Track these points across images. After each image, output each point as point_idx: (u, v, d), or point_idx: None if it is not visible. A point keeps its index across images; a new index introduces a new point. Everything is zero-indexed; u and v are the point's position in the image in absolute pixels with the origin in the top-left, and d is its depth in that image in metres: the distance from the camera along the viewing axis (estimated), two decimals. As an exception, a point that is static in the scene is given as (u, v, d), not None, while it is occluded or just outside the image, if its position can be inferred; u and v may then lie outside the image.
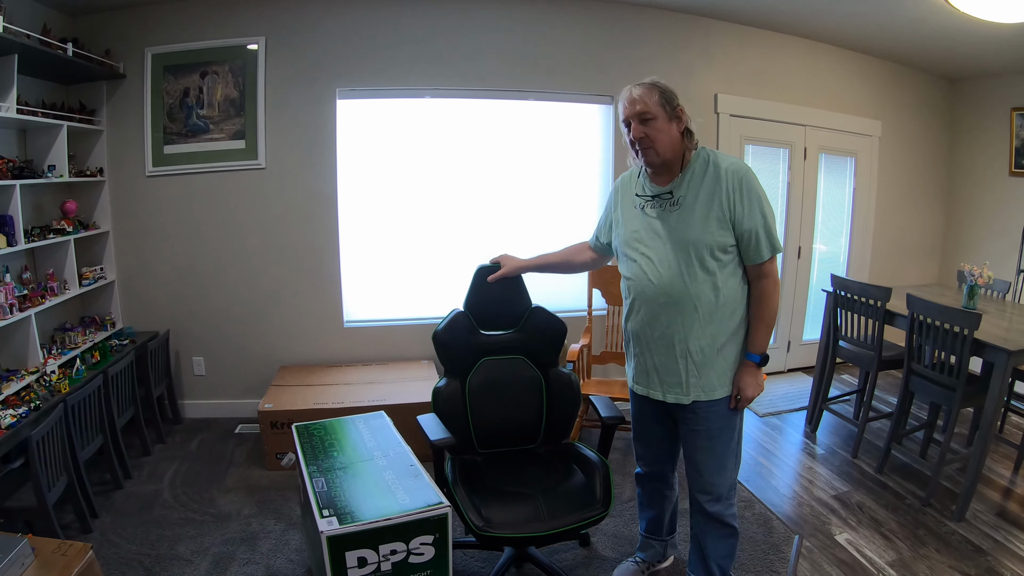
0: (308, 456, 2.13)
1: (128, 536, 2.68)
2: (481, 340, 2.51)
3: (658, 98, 1.92)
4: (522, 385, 2.51)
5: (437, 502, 1.82)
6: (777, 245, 1.94)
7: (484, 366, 2.49)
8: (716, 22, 4.43)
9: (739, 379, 2.01)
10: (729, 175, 1.91)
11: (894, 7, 3.79)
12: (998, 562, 2.69)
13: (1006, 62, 4.76)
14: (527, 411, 2.51)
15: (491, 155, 4.18)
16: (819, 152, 5.03)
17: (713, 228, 1.91)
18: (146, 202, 3.79)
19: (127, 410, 3.31)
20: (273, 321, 4.00)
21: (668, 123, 1.93)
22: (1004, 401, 3.70)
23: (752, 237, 1.91)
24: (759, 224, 1.90)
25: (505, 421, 2.49)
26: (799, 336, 5.29)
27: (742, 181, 1.90)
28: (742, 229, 1.91)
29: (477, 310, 2.52)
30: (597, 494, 2.19)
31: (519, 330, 2.54)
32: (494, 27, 3.97)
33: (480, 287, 2.50)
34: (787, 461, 3.70)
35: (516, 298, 2.54)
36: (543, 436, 2.54)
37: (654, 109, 1.92)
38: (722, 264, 1.94)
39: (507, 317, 2.55)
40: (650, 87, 1.94)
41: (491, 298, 2.50)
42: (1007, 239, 5.05)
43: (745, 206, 1.89)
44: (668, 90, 1.95)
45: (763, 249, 1.93)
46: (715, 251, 1.92)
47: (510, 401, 2.49)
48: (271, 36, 3.73)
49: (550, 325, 2.53)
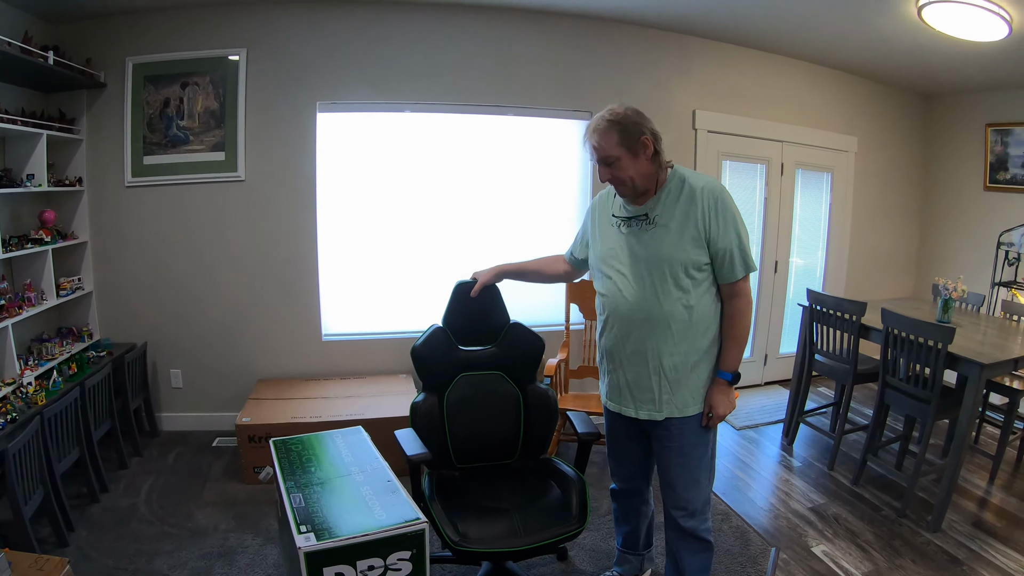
0: (286, 471, 2.12)
1: (105, 550, 2.64)
2: (459, 356, 2.51)
3: (617, 138, 1.91)
4: (500, 401, 2.51)
5: (414, 518, 1.82)
6: (751, 264, 1.96)
7: (462, 381, 2.49)
8: (694, 39, 4.49)
9: (711, 396, 2.03)
10: (704, 195, 1.93)
11: (871, 26, 3.86)
12: (974, 572, 2.72)
13: (981, 79, 4.86)
14: (505, 426, 2.51)
15: (470, 170, 4.19)
16: (796, 168, 5.09)
17: (688, 247, 1.93)
18: (125, 213, 3.76)
19: (104, 423, 3.27)
20: (251, 334, 3.97)
21: (633, 159, 1.92)
22: (978, 413, 3.76)
23: (726, 256, 1.93)
24: (733, 243, 1.92)
25: (483, 436, 2.49)
26: (775, 349, 5.33)
27: (717, 201, 1.92)
28: (716, 248, 1.93)
29: (455, 325, 2.52)
30: (573, 510, 2.19)
31: (497, 346, 2.55)
32: (474, 42, 3.99)
33: (458, 302, 2.51)
34: (764, 474, 3.72)
35: (494, 314, 2.55)
36: (520, 451, 2.54)
37: (614, 152, 1.92)
38: (696, 282, 1.96)
39: (485, 333, 2.55)
40: (607, 128, 1.92)
41: (469, 313, 2.51)
42: (981, 253, 5.13)
43: (720, 225, 1.91)
44: (628, 124, 1.91)
45: (737, 268, 1.95)
46: (689, 269, 1.94)
47: (488, 416, 2.49)
48: (252, 48, 3.73)
49: (528, 341, 2.54)
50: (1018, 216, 4.87)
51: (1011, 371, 3.32)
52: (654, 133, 1.94)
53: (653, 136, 1.93)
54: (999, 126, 5.02)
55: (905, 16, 3.54)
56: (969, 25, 3.42)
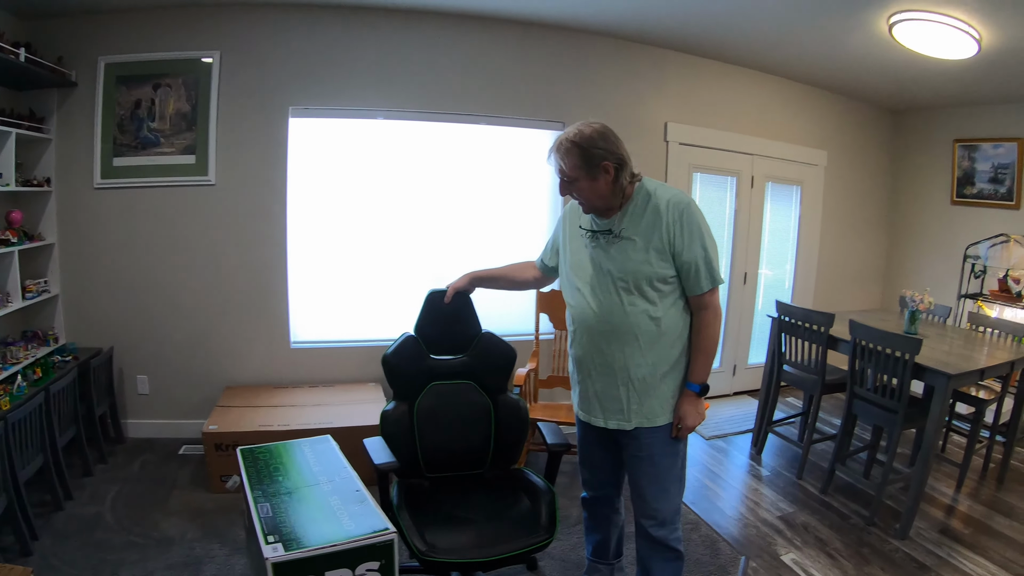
0: (253, 480, 2.09)
1: (69, 560, 2.59)
2: (430, 364, 2.50)
3: (577, 160, 1.91)
4: (470, 410, 2.50)
5: (383, 528, 1.80)
6: (717, 277, 1.97)
7: (433, 391, 2.48)
8: (668, 52, 4.54)
9: (680, 408, 2.04)
10: (670, 208, 1.93)
11: (842, 42, 3.93)
12: (941, 578, 2.76)
13: (949, 96, 4.97)
14: (475, 437, 2.50)
15: (443, 178, 4.18)
16: (766, 181, 5.16)
17: (653, 259, 1.94)
18: (93, 215, 3.70)
19: (69, 429, 3.20)
20: (219, 340, 3.92)
21: (591, 182, 1.93)
22: (945, 422, 3.83)
23: (692, 269, 1.94)
24: (699, 256, 1.93)
25: (453, 446, 2.48)
26: (744, 360, 5.39)
27: (683, 214, 1.93)
28: (682, 261, 1.94)
29: (427, 334, 2.51)
30: (542, 520, 2.19)
31: (468, 355, 2.54)
32: (448, 50, 3.99)
33: (431, 311, 2.50)
34: (733, 483, 3.75)
35: (466, 323, 2.54)
36: (491, 462, 2.53)
37: (572, 173, 1.93)
38: (662, 294, 1.97)
39: (457, 342, 2.54)
40: (569, 149, 1.92)
41: (442, 322, 2.50)
42: (948, 265, 5.25)
43: (685, 238, 1.92)
44: (591, 147, 1.90)
45: (703, 281, 1.96)
46: (654, 282, 1.95)
47: (458, 426, 2.48)
48: (226, 51, 3.69)
49: (499, 351, 2.54)
50: (984, 230, 4.99)
51: (977, 381, 3.39)
52: (618, 159, 1.92)
53: (616, 162, 1.92)
54: (966, 142, 5.14)
55: (876, 33, 3.62)
56: (939, 43, 3.50)
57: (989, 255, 4.82)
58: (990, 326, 4.07)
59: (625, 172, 1.95)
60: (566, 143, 1.92)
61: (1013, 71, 3.99)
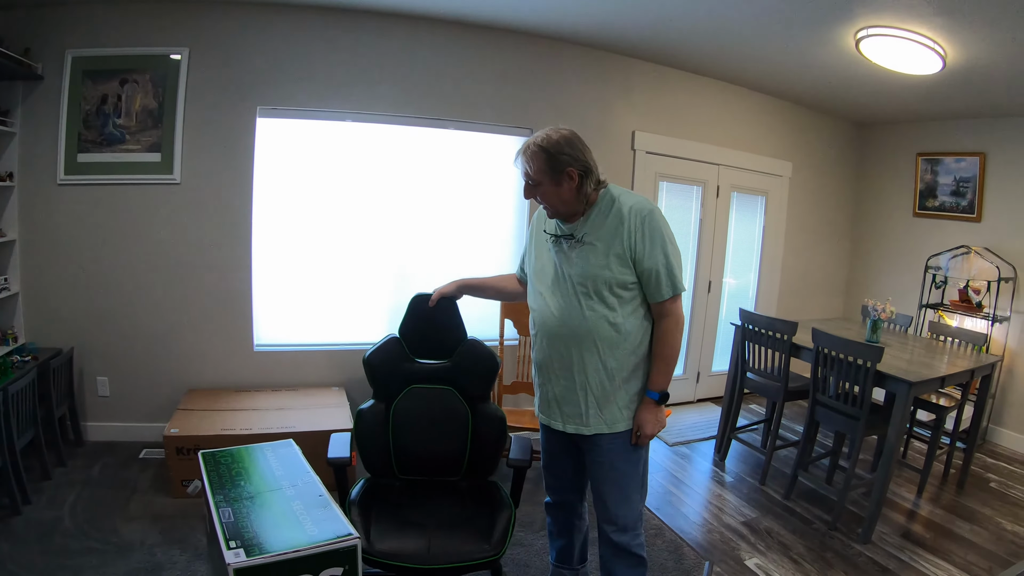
0: (215, 485, 2.06)
1: (27, 565, 2.52)
2: (411, 367, 2.49)
3: (542, 164, 1.93)
4: (448, 416, 2.48)
5: (346, 533, 1.78)
6: (678, 286, 1.97)
7: (411, 393, 2.47)
8: (637, 61, 4.58)
9: (639, 415, 2.04)
10: (632, 214, 1.95)
11: (810, 55, 4.00)
12: (904, 581, 2.82)
13: (913, 110, 5.09)
14: (450, 443, 2.48)
15: (410, 182, 4.16)
16: (731, 190, 5.23)
17: (613, 265, 1.95)
18: (56, 211, 3.62)
19: (27, 431, 3.11)
20: (181, 342, 3.85)
21: (555, 187, 1.96)
22: (906, 429, 3.91)
23: (653, 276, 1.95)
24: (660, 263, 1.94)
25: (426, 450, 2.46)
26: (708, 367, 5.44)
27: (644, 220, 1.94)
28: (642, 268, 1.95)
29: (411, 337, 2.50)
30: (494, 536, 2.16)
31: (451, 361, 2.52)
32: (418, 55, 3.98)
33: (415, 314, 2.48)
34: (697, 489, 3.78)
35: (451, 328, 2.51)
36: (466, 470, 2.50)
37: (537, 176, 1.96)
38: (623, 301, 1.98)
39: (441, 346, 2.52)
40: (535, 153, 1.94)
41: (426, 326, 2.49)
42: (910, 276, 5.37)
43: (646, 245, 1.93)
44: (557, 153, 1.92)
45: (664, 288, 1.96)
46: (614, 287, 1.96)
47: (434, 431, 2.46)
48: (195, 48, 3.64)
49: (483, 359, 2.50)
50: (945, 241, 5.12)
51: (938, 389, 3.46)
52: (583, 165, 1.94)
53: (581, 169, 1.94)
54: (929, 155, 5.27)
55: (843, 48, 3.69)
56: (904, 58, 3.57)
57: (950, 266, 4.94)
58: (951, 335, 4.17)
59: (590, 179, 1.97)
60: (533, 147, 1.95)
61: (976, 87, 4.09)
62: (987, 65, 3.60)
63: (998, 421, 4.79)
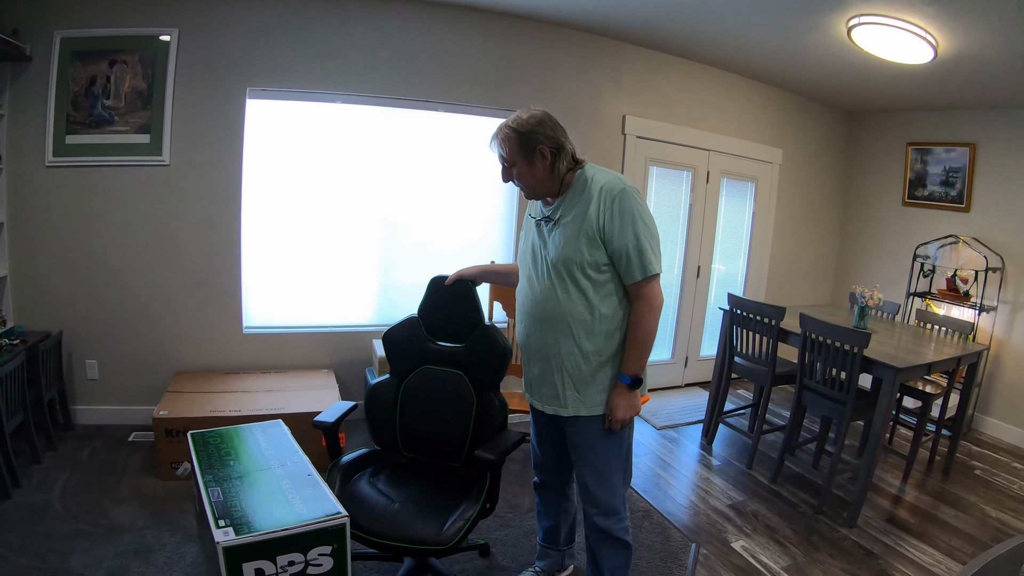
0: (204, 465, 2.06)
1: (17, 548, 2.52)
2: (428, 347, 2.48)
3: (515, 144, 1.96)
4: (453, 400, 2.44)
5: (335, 512, 1.80)
6: (649, 268, 1.92)
7: (422, 372, 2.47)
8: (627, 45, 4.57)
9: (611, 400, 2.02)
10: (603, 193, 1.93)
11: (801, 42, 4.00)
12: (889, 565, 2.86)
13: (904, 99, 5.10)
14: (455, 427, 2.43)
15: (399, 164, 4.16)
16: (721, 176, 5.25)
17: (583, 246, 1.93)
18: (44, 194, 3.59)
19: (16, 415, 3.10)
20: (170, 324, 3.84)
21: (529, 166, 1.98)
22: (892, 415, 3.95)
23: (623, 256, 1.92)
24: (630, 244, 1.90)
25: (430, 431, 2.45)
26: (696, 352, 5.48)
27: (615, 199, 1.91)
28: (612, 248, 1.92)
29: (428, 317, 2.49)
30: (447, 526, 2.08)
31: (466, 345, 2.48)
32: (409, 37, 3.97)
33: (433, 296, 2.48)
34: (684, 472, 3.82)
35: (468, 311, 2.47)
36: (466, 456, 2.44)
37: (511, 157, 1.99)
38: (596, 283, 1.96)
39: (457, 330, 2.48)
40: (508, 134, 1.97)
41: (443, 309, 2.48)
42: (898, 264, 5.40)
43: (616, 224, 1.90)
44: (527, 132, 1.95)
45: (634, 270, 1.93)
46: (586, 269, 1.94)
47: (438, 413, 2.45)
48: (184, 29, 3.60)
49: (495, 346, 2.41)
50: (934, 230, 5.15)
51: (924, 375, 3.49)
52: (555, 143, 1.96)
53: (552, 146, 1.95)
54: (919, 145, 5.29)
55: (835, 35, 3.69)
56: (896, 47, 3.57)
57: (938, 255, 4.97)
58: (938, 323, 4.20)
59: (563, 157, 1.97)
60: (505, 129, 1.99)
61: (967, 77, 4.10)
62: (978, 55, 3.61)
63: (984, 410, 4.84)
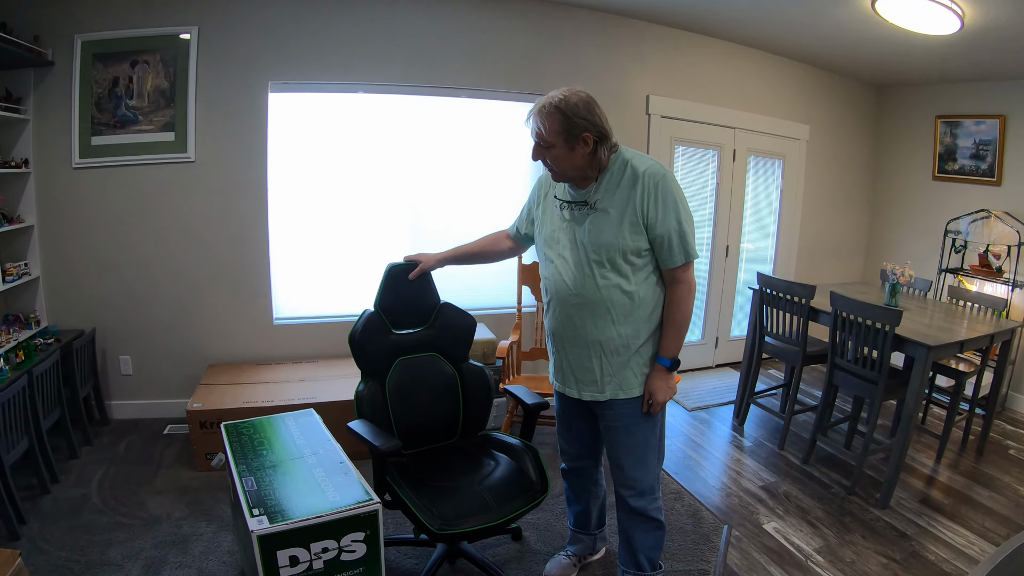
0: (237, 455, 2.10)
1: (57, 542, 2.58)
2: (394, 339, 2.49)
3: (558, 126, 1.86)
4: (438, 381, 2.52)
5: (367, 499, 1.82)
6: (691, 252, 1.93)
7: (400, 366, 2.47)
8: (650, 25, 4.52)
9: (650, 383, 2.02)
10: (646, 178, 1.89)
11: (825, 16, 3.92)
12: (922, 546, 2.82)
13: (932, 72, 4.98)
14: (445, 406, 2.53)
15: (424, 152, 4.16)
16: (748, 154, 5.17)
17: (626, 233, 1.90)
18: (72, 195, 3.65)
19: (53, 412, 3.18)
20: (202, 318, 3.90)
21: (568, 151, 1.89)
22: (925, 394, 3.88)
23: (665, 242, 1.91)
24: (673, 229, 1.89)
25: (426, 418, 2.48)
26: (727, 332, 5.43)
27: (658, 185, 1.88)
28: (655, 234, 1.90)
29: (389, 309, 2.49)
30: (532, 476, 2.25)
31: (430, 327, 2.54)
32: (429, 23, 3.96)
33: (391, 286, 2.48)
34: (715, 454, 3.79)
35: (425, 295, 2.54)
36: (461, 429, 2.56)
37: (551, 138, 1.88)
38: (636, 268, 1.94)
39: (417, 315, 2.54)
40: (552, 112, 1.86)
41: (402, 296, 2.49)
42: (929, 240, 5.29)
43: (659, 210, 1.88)
44: (574, 115, 1.85)
45: (676, 255, 1.92)
46: (628, 255, 1.92)
47: (429, 398, 2.49)
48: (204, 26, 3.63)
49: (459, 321, 2.55)
50: (965, 205, 5.03)
51: (956, 353, 3.43)
52: (600, 131, 1.88)
53: (597, 134, 1.88)
54: (948, 118, 5.16)
55: (859, 8, 3.61)
56: (921, 19, 3.49)
57: (970, 230, 4.86)
58: (970, 300, 4.11)
59: (605, 145, 1.91)
60: (549, 106, 1.87)
61: (995, 48, 3.98)
62: (1007, 25, 3.50)
63: (1018, 388, 4.73)
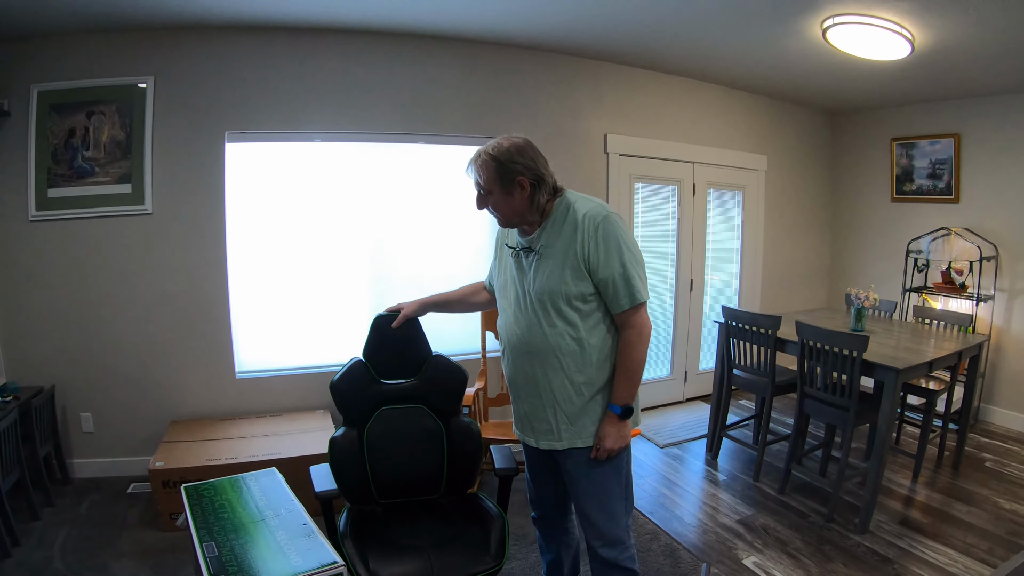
0: (198, 519, 2.03)
1: (18, 608, 2.47)
2: (380, 389, 2.45)
3: (493, 172, 1.90)
4: (422, 435, 2.45)
5: (331, 562, 1.77)
6: (637, 295, 1.88)
7: (383, 416, 2.42)
8: (605, 64, 4.57)
9: (600, 428, 1.97)
10: (586, 221, 1.87)
11: (778, 47, 4.00)
12: (905, 569, 2.82)
13: (885, 96, 5.11)
14: (427, 461, 2.45)
15: (383, 199, 4.12)
16: (707, 187, 5.23)
17: (568, 277, 1.88)
18: (29, 248, 3.57)
19: (12, 472, 3.06)
20: (163, 373, 3.81)
21: (506, 196, 1.91)
22: (897, 415, 3.91)
23: (610, 286, 1.88)
24: (617, 272, 1.86)
25: (405, 472, 2.42)
26: (695, 366, 5.43)
27: (599, 228, 1.86)
28: (598, 278, 1.88)
29: (376, 359, 2.46)
30: (491, 548, 2.14)
31: (419, 379, 2.49)
32: (384, 69, 3.95)
33: (378, 335, 2.45)
34: (690, 490, 3.76)
35: (415, 345, 2.50)
36: (445, 487, 2.48)
37: (488, 185, 1.92)
38: (583, 314, 1.91)
39: (407, 365, 2.50)
40: (486, 161, 1.91)
41: (390, 346, 2.46)
42: (892, 261, 5.39)
43: (601, 254, 1.86)
44: (507, 162, 1.88)
45: (622, 298, 1.88)
46: (572, 300, 1.89)
47: (410, 451, 2.43)
48: (160, 76, 3.61)
49: (451, 373, 2.48)
50: (925, 224, 5.14)
51: (926, 373, 3.45)
52: (535, 174, 1.90)
53: (532, 178, 1.89)
54: (904, 140, 5.29)
55: (810, 38, 3.69)
56: (873, 45, 3.57)
57: (931, 249, 4.96)
58: (936, 318, 4.18)
59: (542, 188, 1.92)
60: (483, 156, 1.92)
61: (946, 68, 4.10)
62: (955, 46, 3.62)
63: (989, 400, 4.81)
